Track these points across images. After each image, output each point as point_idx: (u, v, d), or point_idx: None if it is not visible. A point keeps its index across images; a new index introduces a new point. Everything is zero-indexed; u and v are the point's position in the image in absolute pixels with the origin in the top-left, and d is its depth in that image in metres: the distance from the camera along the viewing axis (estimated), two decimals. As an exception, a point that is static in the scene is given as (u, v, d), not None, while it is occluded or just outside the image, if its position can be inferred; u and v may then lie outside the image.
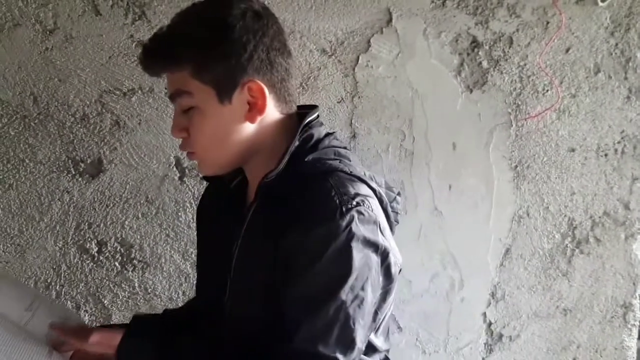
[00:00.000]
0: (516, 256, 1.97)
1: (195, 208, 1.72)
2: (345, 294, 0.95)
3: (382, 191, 1.09)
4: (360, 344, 0.98)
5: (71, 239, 1.70)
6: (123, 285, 1.74)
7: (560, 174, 1.97)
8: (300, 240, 0.96)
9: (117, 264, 1.73)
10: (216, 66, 1.00)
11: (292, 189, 1.00)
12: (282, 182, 1.03)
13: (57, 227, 1.69)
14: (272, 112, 1.06)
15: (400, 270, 1.11)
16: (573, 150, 1.96)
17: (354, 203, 0.97)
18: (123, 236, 1.72)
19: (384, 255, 1.02)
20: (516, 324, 2.00)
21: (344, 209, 0.96)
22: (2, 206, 1.66)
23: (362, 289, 0.97)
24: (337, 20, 1.78)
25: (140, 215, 1.73)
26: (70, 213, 1.69)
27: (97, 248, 1.71)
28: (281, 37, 1.06)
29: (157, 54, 1.02)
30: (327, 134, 1.11)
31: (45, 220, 1.68)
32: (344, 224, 0.95)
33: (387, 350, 1.19)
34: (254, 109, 1.03)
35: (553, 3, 1.87)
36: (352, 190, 0.99)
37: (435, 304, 1.94)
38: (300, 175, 1.02)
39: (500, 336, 2.00)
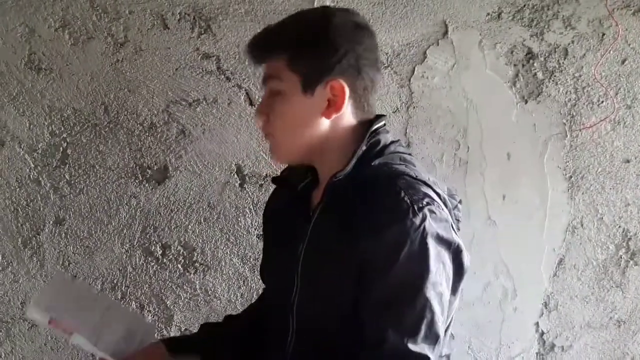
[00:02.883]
0: (569, 266, 1.97)
1: (254, 214, 1.79)
2: (428, 291, 0.97)
3: (446, 197, 1.12)
4: (442, 339, 1.01)
5: (137, 242, 1.77)
6: (185, 287, 1.80)
7: (614, 185, 1.96)
8: (375, 243, 0.99)
9: (179, 266, 1.79)
10: (307, 60, 1.08)
11: (359, 191, 1.04)
12: (349, 183, 1.07)
13: (124, 231, 1.76)
14: (348, 115, 1.11)
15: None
16: (628, 161, 1.96)
17: (425, 202, 1.00)
18: (186, 240, 1.79)
19: (457, 251, 1.05)
20: (569, 334, 2.00)
21: (416, 207, 0.98)
22: (73, 209, 1.74)
23: (440, 284, 1.00)
24: (394, 33, 1.82)
25: (202, 220, 1.79)
26: (136, 217, 1.77)
27: (161, 251, 1.78)
28: (374, 51, 1.13)
29: (262, 41, 1.12)
30: (393, 141, 1.15)
31: (113, 224, 1.76)
32: (417, 221, 0.98)
33: (448, 356, 1.19)
34: (332, 106, 1.08)
35: (609, 14, 1.88)
36: (421, 192, 1.02)
37: (487, 313, 1.95)
38: (367, 178, 1.06)
39: (553, 346, 2.00)
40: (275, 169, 1.78)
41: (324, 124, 1.10)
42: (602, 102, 1.92)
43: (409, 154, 1.15)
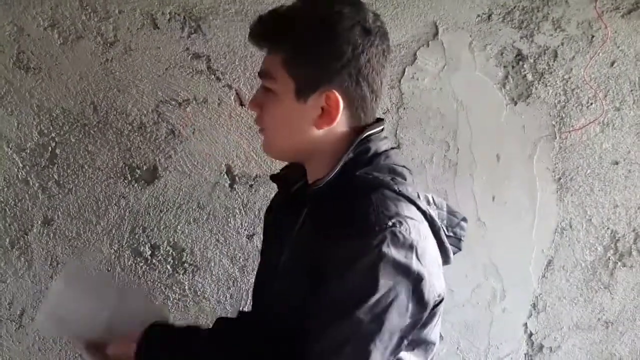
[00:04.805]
0: (558, 268, 1.98)
1: (244, 215, 1.79)
2: (363, 314, 0.92)
3: (435, 214, 1.07)
4: None
5: (126, 243, 1.76)
6: (174, 288, 1.80)
7: (603, 187, 1.98)
8: (329, 252, 0.95)
9: (169, 267, 1.79)
10: (305, 65, 1.02)
11: (335, 201, 1.01)
12: (330, 191, 1.04)
13: (113, 231, 1.76)
14: (342, 124, 1.06)
15: (441, 301, 1.05)
16: (617, 163, 1.97)
17: (390, 223, 0.94)
18: (175, 240, 1.78)
19: (416, 280, 0.96)
20: (557, 335, 2.01)
21: (377, 228, 0.94)
22: (61, 210, 1.73)
23: (385, 311, 0.93)
24: (384, 34, 1.82)
25: (192, 221, 1.78)
26: (125, 217, 1.76)
27: (150, 251, 1.78)
28: (381, 57, 1.05)
29: (263, 29, 1.04)
30: (386, 150, 1.08)
31: (102, 224, 1.75)
32: (374, 242, 0.93)
33: None
34: (325, 117, 1.04)
35: (598, 17, 1.89)
36: (392, 210, 0.97)
37: (476, 314, 1.96)
38: (347, 188, 1.02)
39: (541, 347, 2.01)
40: (266, 169, 1.78)
41: (315, 132, 1.05)
42: (591, 104, 1.93)
43: (403, 166, 1.09)
